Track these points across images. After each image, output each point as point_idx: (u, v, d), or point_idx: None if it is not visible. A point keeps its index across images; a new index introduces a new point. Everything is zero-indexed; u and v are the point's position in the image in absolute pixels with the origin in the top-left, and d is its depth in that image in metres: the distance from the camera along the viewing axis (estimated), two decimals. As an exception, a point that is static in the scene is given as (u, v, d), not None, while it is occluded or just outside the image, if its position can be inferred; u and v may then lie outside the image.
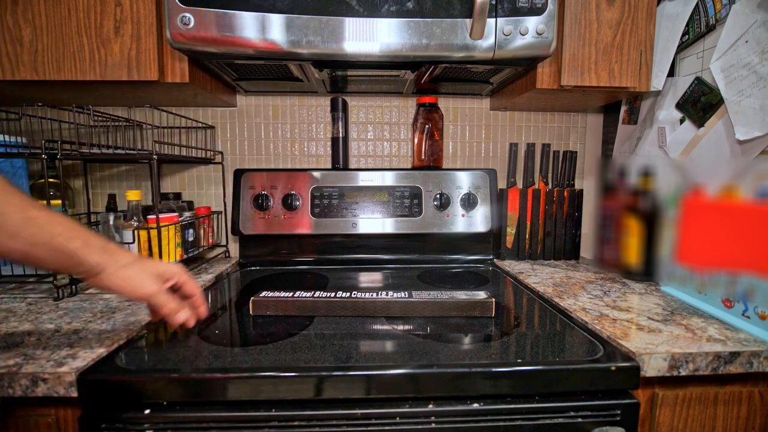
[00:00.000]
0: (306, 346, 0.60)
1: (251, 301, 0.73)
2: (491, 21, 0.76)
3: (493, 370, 0.53)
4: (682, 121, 0.92)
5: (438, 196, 1.10)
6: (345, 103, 1.15)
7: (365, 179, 1.10)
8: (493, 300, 0.73)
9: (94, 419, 0.50)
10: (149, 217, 0.92)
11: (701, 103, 0.88)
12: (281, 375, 0.52)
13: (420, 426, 0.52)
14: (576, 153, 1.17)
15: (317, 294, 0.74)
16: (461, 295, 0.74)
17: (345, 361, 0.55)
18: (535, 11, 0.77)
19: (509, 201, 1.14)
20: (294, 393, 0.52)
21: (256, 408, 0.51)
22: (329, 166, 1.22)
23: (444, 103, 1.22)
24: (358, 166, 1.24)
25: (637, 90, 0.92)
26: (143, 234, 0.92)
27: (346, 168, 1.15)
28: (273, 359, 0.56)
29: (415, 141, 1.16)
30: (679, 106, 0.93)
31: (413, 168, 1.17)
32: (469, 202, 1.10)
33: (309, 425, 0.51)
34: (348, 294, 0.74)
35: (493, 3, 0.76)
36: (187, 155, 1.08)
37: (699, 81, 0.88)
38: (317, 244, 1.13)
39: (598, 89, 0.92)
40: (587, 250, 1.22)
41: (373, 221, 1.09)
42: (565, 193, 1.14)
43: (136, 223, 0.91)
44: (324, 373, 0.52)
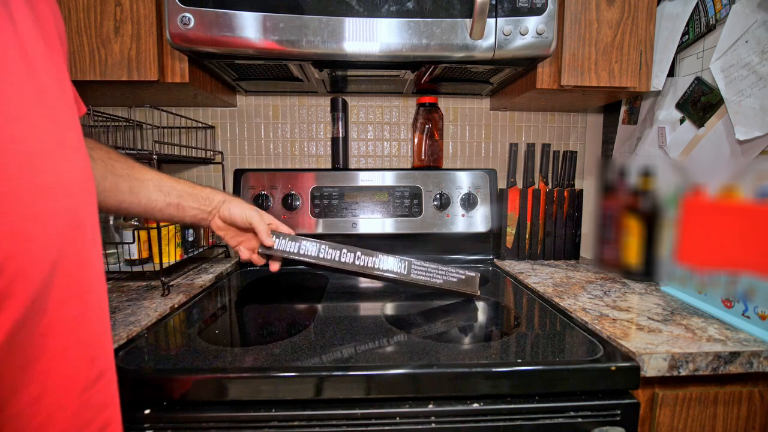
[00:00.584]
0: (306, 346, 0.60)
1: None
2: (491, 21, 0.76)
3: (493, 370, 0.53)
4: (682, 121, 0.92)
5: (438, 196, 1.10)
6: (345, 103, 1.15)
7: (365, 179, 1.10)
8: (478, 276, 0.82)
9: (94, 419, 0.50)
10: (149, 217, 0.92)
11: (701, 103, 0.88)
12: (281, 375, 0.52)
13: (420, 426, 0.52)
14: (576, 153, 1.17)
15: (323, 248, 0.76)
16: (452, 279, 0.80)
17: (345, 361, 0.55)
18: (535, 11, 0.77)
19: (509, 201, 1.14)
20: (294, 393, 0.52)
21: (256, 408, 0.51)
22: (329, 166, 1.22)
23: (444, 103, 1.22)
24: (358, 166, 1.24)
25: (637, 90, 0.92)
26: (143, 234, 0.92)
27: (346, 168, 1.15)
28: (273, 359, 0.56)
29: (415, 141, 1.16)
30: (679, 106, 0.93)
31: (413, 168, 1.17)
32: (469, 202, 1.10)
33: (309, 425, 0.51)
34: (352, 259, 0.76)
35: (493, 3, 0.76)
36: (187, 155, 1.08)
37: (699, 81, 0.88)
38: (317, 244, 1.13)
39: (598, 89, 0.92)
40: (587, 250, 1.22)
41: (373, 221, 1.09)
42: (565, 193, 1.14)
43: (136, 223, 0.91)
44: (324, 373, 0.52)
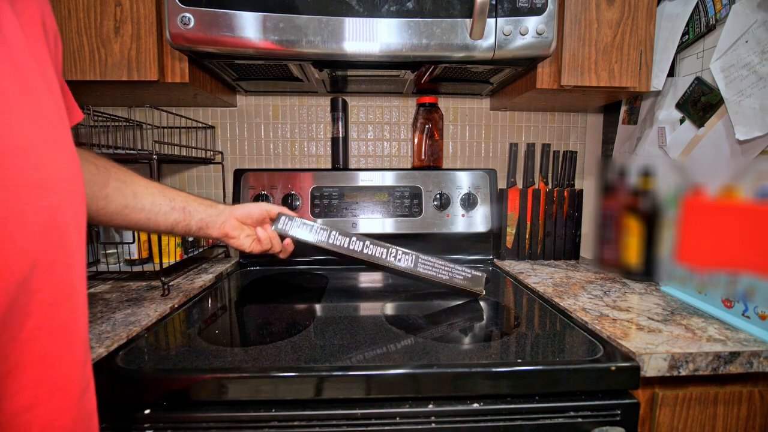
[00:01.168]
0: (306, 346, 0.60)
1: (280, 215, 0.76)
2: (491, 21, 0.76)
3: (493, 370, 0.53)
4: (682, 121, 0.92)
5: (438, 196, 1.10)
6: (345, 103, 1.15)
7: (365, 179, 1.10)
8: (484, 276, 0.82)
9: (94, 419, 0.50)
10: (149, 217, 0.92)
11: (701, 103, 0.88)
12: (281, 375, 0.52)
13: (420, 426, 0.52)
14: (576, 153, 1.17)
15: (334, 234, 0.77)
16: (458, 277, 0.81)
17: (345, 361, 0.55)
18: (535, 11, 0.77)
19: (509, 201, 1.14)
20: (294, 393, 0.52)
21: (256, 408, 0.51)
22: (329, 166, 1.21)
23: (444, 103, 1.22)
24: (358, 166, 1.24)
25: (637, 90, 0.92)
26: (143, 234, 0.92)
27: (346, 168, 1.15)
28: (273, 359, 0.56)
29: (415, 141, 1.16)
30: (679, 106, 0.93)
31: (413, 168, 1.17)
32: (469, 202, 1.10)
33: (309, 425, 0.51)
34: (360, 247, 0.77)
35: (493, 3, 0.76)
36: (187, 155, 1.08)
37: (699, 81, 0.88)
38: (317, 244, 1.13)
39: (598, 89, 0.92)
40: (587, 250, 1.22)
41: (373, 221, 1.09)
42: (565, 193, 1.14)
43: (136, 223, 0.91)
44: (324, 373, 0.52)
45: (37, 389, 0.32)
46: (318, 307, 0.78)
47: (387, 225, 1.09)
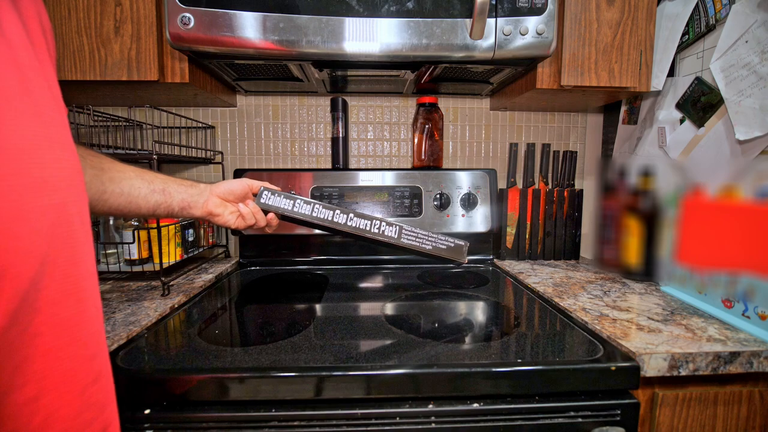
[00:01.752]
0: (306, 346, 0.60)
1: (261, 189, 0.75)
2: (491, 21, 0.76)
3: (493, 370, 0.53)
4: (682, 121, 0.92)
5: (438, 196, 1.10)
6: (345, 103, 1.15)
7: (365, 179, 1.10)
8: (467, 245, 0.85)
9: (94, 419, 0.50)
10: (149, 217, 0.92)
11: (701, 103, 0.88)
12: (281, 375, 0.52)
13: (420, 426, 0.52)
14: (576, 153, 1.17)
15: (317, 207, 0.76)
16: (441, 246, 0.83)
17: (345, 361, 0.55)
18: (535, 11, 0.77)
19: (509, 201, 1.14)
20: (294, 393, 0.52)
21: (256, 408, 0.51)
22: (329, 166, 1.22)
23: (444, 103, 1.22)
24: (358, 166, 1.24)
25: (637, 90, 0.92)
26: (143, 234, 0.92)
27: (346, 168, 1.15)
28: (273, 359, 0.56)
29: (415, 141, 1.16)
30: (679, 106, 0.93)
31: (413, 168, 1.16)
32: (469, 202, 1.10)
33: (309, 425, 0.51)
34: (344, 220, 0.77)
35: (493, 3, 0.76)
36: (187, 155, 1.08)
37: (699, 81, 0.88)
38: (317, 244, 1.13)
39: (598, 89, 0.92)
40: (587, 250, 1.22)
41: (373, 221, 1.09)
42: (565, 193, 1.14)
43: (136, 223, 0.91)
44: (324, 373, 0.52)
45: (42, 381, 0.33)
46: (318, 307, 0.78)
47: (387, 225, 1.09)
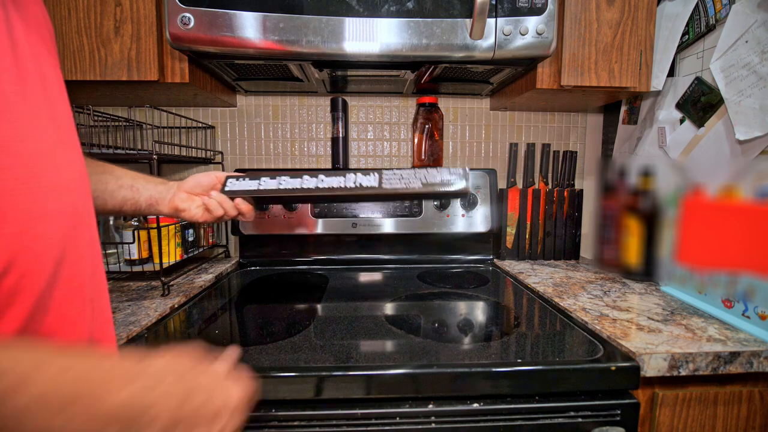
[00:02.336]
0: (306, 346, 0.60)
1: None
2: (491, 21, 0.76)
3: (493, 370, 0.53)
4: (682, 121, 0.92)
5: (438, 196, 1.10)
6: (345, 103, 1.15)
7: (365, 179, 1.10)
8: (466, 169, 0.68)
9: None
10: (149, 217, 0.92)
11: (701, 103, 0.88)
12: (281, 375, 0.52)
13: (420, 426, 0.52)
14: (576, 153, 1.17)
15: (283, 179, 0.70)
16: (434, 180, 0.68)
17: (345, 361, 0.55)
18: (535, 11, 0.77)
19: (509, 201, 1.14)
20: (294, 393, 0.52)
21: (256, 408, 0.51)
22: (329, 166, 1.21)
23: (444, 103, 1.22)
24: (358, 166, 1.24)
25: (637, 90, 0.92)
26: (143, 234, 0.92)
27: (346, 168, 1.15)
28: (273, 359, 0.56)
29: (415, 141, 1.16)
30: (679, 106, 0.93)
31: (413, 168, 1.16)
32: (469, 202, 1.10)
33: (309, 425, 0.51)
34: (314, 183, 0.69)
35: (493, 3, 0.76)
36: (187, 155, 1.08)
37: (699, 81, 0.88)
38: (317, 244, 1.13)
39: (598, 89, 0.92)
40: (587, 250, 1.22)
41: (373, 221, 1.09)
42: (565, 193, 1.14)
43: (136, 223, 0.91)
44: (324, 373, 0.52)
45: None
46: (318, 307, 0.78)
47: (387, 225, 1.09)
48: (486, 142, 1.25)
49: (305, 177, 0.69)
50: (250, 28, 0.74)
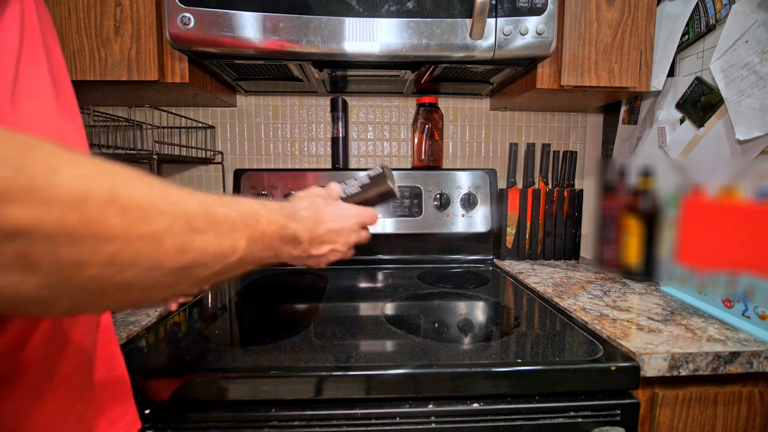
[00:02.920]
0: (306, 346, 0.60)
1: None
2: (491, 21, 0.76)
3: (493, 370, 0.53)
4: (682, 121, 0.92)
5: (438, 196, 1.10)
6: (345, 103, 1.15)
7: (365, 179, 1.10)
8: (387, 170, 0.63)
9: (94, 419, 0.50)
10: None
11: (701, 103, 0.88)
12: (281, 375, 0.52)
13: (420, 426, 0.52)
14: (576, 153, 1.17)
15: None
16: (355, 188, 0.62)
17: (345, 361, 0.55)
18: (535, 11, 0.77)
19: (509, 201, 1.14)
20: (294, 393, 0.52)
21: (256, 408, 0.51)
22: (329, 166, 1.21)
23: (444, 103, 1.22)
24: (358, 166, 1.24)
25: (637, 90, 0.92)
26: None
27: (346, 168, 1.15)
28: (273, 359, 0.56)
29: (415, 141, 1.16)
30: (679, 106, 0.93)
31: (413, 168, 1.16)
32: (469, 202, 1.10)
33: (309, 425, 0.51)
34: None
35: (493, 3, 0.76)
36: (187, 155, 1.08)
37: (699, 81, 0.88)
38: (317, 244, 1.13)
39: (598, 89, 0.92)
40: (587, 250, 1.22)
41: (373, 221, 1.09)
42: (565, 193, 1.14)
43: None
44: (324, 373, 0.52)
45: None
46: (318, 307, 0.78)
47: (387, 225, 1.09)
48: (486, 142, 1.26)
49: None
50: (250, 28, 0.74)
